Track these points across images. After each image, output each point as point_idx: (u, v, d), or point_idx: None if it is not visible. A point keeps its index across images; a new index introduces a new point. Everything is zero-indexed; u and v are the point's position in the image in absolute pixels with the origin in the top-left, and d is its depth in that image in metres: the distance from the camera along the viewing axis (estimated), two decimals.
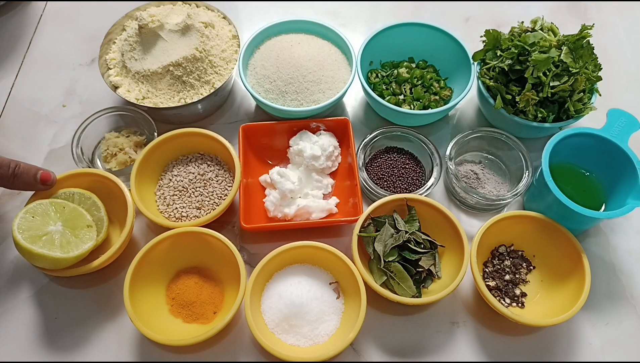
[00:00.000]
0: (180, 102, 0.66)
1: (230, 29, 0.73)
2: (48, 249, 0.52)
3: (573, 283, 0.56)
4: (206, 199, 0.62)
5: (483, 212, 0.65)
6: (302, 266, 0.58)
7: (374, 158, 0.67)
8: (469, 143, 0.67)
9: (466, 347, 0.57)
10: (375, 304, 0.58)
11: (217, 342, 0.56)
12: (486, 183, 0.65)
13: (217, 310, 0.56)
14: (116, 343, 0.56)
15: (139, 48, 0.68)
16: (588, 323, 0.58)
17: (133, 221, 0.58)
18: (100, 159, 0.67)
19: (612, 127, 0.61)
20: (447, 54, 0.72)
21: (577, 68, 0.61)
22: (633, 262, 0.62)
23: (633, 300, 0.60)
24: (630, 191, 0.57)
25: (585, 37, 0.61)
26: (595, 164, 0.63)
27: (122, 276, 0.56)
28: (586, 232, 0.64)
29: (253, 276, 0.55)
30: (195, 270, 0.59)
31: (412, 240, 0.57)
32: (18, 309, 0.58)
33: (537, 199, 0.62)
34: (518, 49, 0.63)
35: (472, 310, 0.59)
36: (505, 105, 0.64)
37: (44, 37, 0.81)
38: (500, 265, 0.60)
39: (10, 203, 0.65)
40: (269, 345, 0.52)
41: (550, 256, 0.59)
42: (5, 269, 0.60)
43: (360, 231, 0.58)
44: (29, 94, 0.74)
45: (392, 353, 0.56)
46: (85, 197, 0.59)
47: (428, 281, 0.58)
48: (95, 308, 0.58)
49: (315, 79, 0.68)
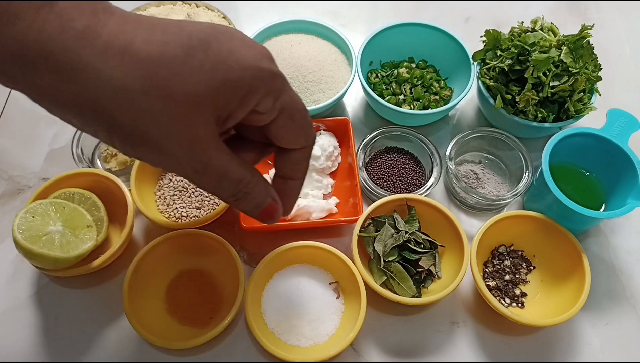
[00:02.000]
0: None
1: None
2: (48, 249, 0.52)
3: (573, 283, 0.56)
4: (206, 199, 0.62)
5: (483, 212, 0.65)
6: (302, 266, 0.58)
7: (374, 158, 0.67)
8: (469, 143, 0.67)
9: (466, 347, 0.57)
10: (375, 304, 0.58)
11: (217, 343, 0.56)
12: (486, 183, 0.65)
13: (213, 316, 0.56)
14: (116, 343, 0.56)
15: None
16: (588, 323, 0.58)
17: (133, 221, 0.58)
18: (100, 159, 0.67)
19: (612, 127, 0.61)
20: (447, 54, 0.72)
21: (577, 68, 0.61)
22: (633, 262, 0.62)
23: (633, 300, 0.60)
24: (630, 191, 0.57)
25: (585, 37, 0.61)
26: (595, 164, 0.63)
27: (122, 276, 0.56)
28: (586, 232, 0.64)
29: (253, 276, 0.55)
30: (196, 272, 0.59)
31: (412, 240, 0.57)
32: (18, 309, 0.58)
33: (537, 199, 0.62)
34: (518, 49, 0.63)
35: (472, 310, 0.59)
36: (505, 105, 0.64)
37: None
38: (500, 265, 0.60)
39: (10, 203, 0.65)
40: (269, 345, 0.52)
41: (551, 256, 0.59)
42: (5, 269, 0.60)
43: (360, 231, 0.58)
44: None
45: (392, 353, 0.56)
46: (85, 197, 0.59)
47: (428, 281, 0.58)
48: (95, 308, 0.58)
49: (315, 79, 0.68)
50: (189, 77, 0.29)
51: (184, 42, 0.29)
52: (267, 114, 0.34)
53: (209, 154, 0.32)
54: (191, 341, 0.52)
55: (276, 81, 0.33)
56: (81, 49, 0.27)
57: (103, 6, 0.29)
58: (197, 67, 0.29)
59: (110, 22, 0.28)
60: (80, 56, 0.27)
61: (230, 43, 0.31)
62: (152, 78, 0.28)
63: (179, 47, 0.29)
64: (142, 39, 0.28)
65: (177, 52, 0.29)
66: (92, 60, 0.27)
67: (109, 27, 0.28)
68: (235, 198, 0.36)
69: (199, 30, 0.30)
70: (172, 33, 0.29)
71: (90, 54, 0.27)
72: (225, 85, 0.30)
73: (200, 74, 0.29)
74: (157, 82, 0.28)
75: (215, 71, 0.30)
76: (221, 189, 0.35)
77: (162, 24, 0.30)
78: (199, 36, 0.30)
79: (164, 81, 0.29)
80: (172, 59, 0.29)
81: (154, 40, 0.29)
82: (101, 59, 0.27)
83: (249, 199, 0.37)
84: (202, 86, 0.30)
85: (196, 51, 0.29)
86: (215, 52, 0.30)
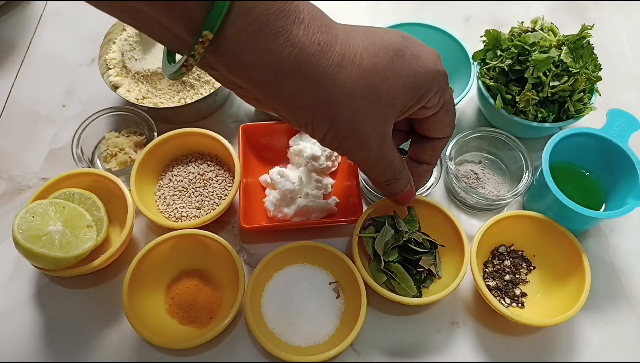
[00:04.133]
0: (180, 102, 0.66)
1: None
2: (48, 249, 0.52)
3: (573, 283, 0.56)
4: (206, 199, 0.62)
5: (483, 212, 0.65)
6: (302, 266, 0.58)
7: None
8: (469, 143, 0.67)
9: (466, 347, 0.57)
10: (375, 304, 0.58)
11: (217, 343, 0.56)
12: (486, 183, 0.65)
13: (213, 316, 0.56)
14: (116, 343, 0.56)
15: (139, 48, 0.68)
16: (588, 323, 0.58)
17: (133, 221, 0.58)
18: (100, 159, 0.67)
19: (612, 127, 0.61)
20: (447, 54, 0.72)
21: (577, 68, 0.61)
22: (633, 262, 0.62)
23: (633, 300, 0.60)
24: (630, 191, 0.57)
25: (585, 37, 0.61)
26: (595, 164, 0.63)
27: (122, 276, 0.56)
28: (586, 232, 0.64)
29: (253, 276, 0.55)
30: (197, 272, 0.59)
31: (412, 240, 0.57)
32: (18, 309, 0.58)
33: (537, 199, 0.62)
34: (518, 49, 0.63)
35: (472, 310, 0.59)
36: (505, 105, 0.64)
37: (44, 37, 0.81)
38: (501, 265, 0.60)
39: (10, 203, 0.65)
40: (269, 345, 0.52)
41: (551, 256, 0.59)
42: (5, 269, 0.60)
43: (360, 232, 0.58)
44: (29, 94, 0.74)
45: (392, 353, 0.56)
46: (85, 197, 0.59)
47: (428, 281, 0.58)
48: (95, 308, 0.58)
49: None
50: (393, 82, 0.36)
51: (388, 53, 0.36)
52: (432, 108, 0.40)
53: (388, 146, 0.39)
54: (191, 341, 0.52)
55: (445, 80, 0.40)
56: (324, 61, 0.33)
57: (329, 20, 0.35)
58: (397, 74, 0.36)
59: (340, 36, 0.34)
60: (324, 67, 0.33)
61: (415, 49, 0.37)
62: (369, 85, 0.35)
63: (385, 58, 0.36)
64: (362, 51, 0.35)
65: (385, 62, 0.35)
66: (331, 71, 0.33)
67: (339, 40, 0.34)
68: (388, 183, 0.44)
69: (394, 40, 0.37)
70: (378, 45, 0.36)
71: (329, 66, 0.33)
72: (414, 85, 0.37)
73: (399, 79, 0.36)
74: (372, 88, 0.35)
75: (409, 76, 0.36)
76: (383, 176, 0.43)
77: (369, 35, 0.36)
78: (394, 46, 0.36)
79: (376, 88, 0.35)
80: (383, 70, 0.35)
81: (369, 52, 0.35)
82: (337, 70, 0.33)
83: (397, 185, 0.45)
84: (400, 88, 0.36)
85: (395, 60, 0.36)
86: (408, 59, 0.37)
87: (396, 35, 0.37)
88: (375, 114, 0.36)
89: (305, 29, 0.32)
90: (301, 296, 0.56)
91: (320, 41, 0.33)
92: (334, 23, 0.36)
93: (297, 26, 0.32)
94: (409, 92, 0.37)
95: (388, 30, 0.38)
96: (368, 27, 0.38)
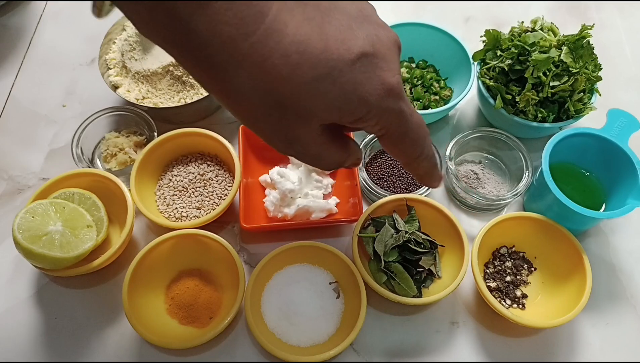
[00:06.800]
0: (180, 102, 0.66)
1: None
2: (48, 249, 0.52)
3: (574, 284, 0.56)
4: (206, 199, 0.62)
5: (483, 212, 0.65)
6: (302, 266, 0.58)
7: (374, 158, 0.67)
8: (469, 143, 0.67)
9: (466, 347, 0.57)
10: (375, 304, 0.58)
11: (217, 343, 0.56)
12: (486, 183, 0.65)
13: (213, 316, 0.56)
14: (116, 343, 0.56)
15: (139, 48, 0.68)
16: (588, 323, 0.58)
17: (133, 221, 0.58)
18: (100, 159, 0.67)
19: (612, 127, 0.61)
20: (447, 54, 0.72)
21: (577, 68, 0.61)
22: (633, 262, 0.62)
23: (633, 300, 0.60)
24: (630, 191, 0.57)
25: (585, 37, 0.61)
26: (595, 164, 0.63)
27: (122, 276, 0.56)
28: (586, 232, 0.64)
29: (253, 276, 0.55)
30: (197, 272, 0.58)
31: (412, 240, 0.57)
32: (18, 309, 0.58)
33: (537, 199, 0.62)
34: (518, 49, 0.63)
35: (472, 311, 0.59)
36: (505, 105, 0.64)
37: (44, 37, 0.81)
38: (502, 266, 0.60)
39: (10, 203, 0.65)
40: (269, 345, 0.52)
41: (552, 257, 0.59)
42: (5, 269, 0.60)
43: (360, 232, 0.58)
44: (29, 94, 0.74)
45: (392, 353, 0.56)
46: (85, 197, 0.59)
47: (428, 281, 0.58)
48: (95, 308, 0.58)
49: None
50: (306, 100, 0.32)
51: (316, 70, 0.31)
52: (374, 133, 0.37)
53: (305, 144, 0.36)
54: (191, 341, 0.52)
55: (390, 116, 0.35)
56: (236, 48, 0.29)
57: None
58: (321, 94, 0.32)
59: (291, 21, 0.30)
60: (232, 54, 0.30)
61: (362, 75, 0.33)
62: (271, 92, 0.31)
63: (309, 74, 0.31)
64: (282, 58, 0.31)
65: (307, 78, 0.31)
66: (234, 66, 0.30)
67: (290, 27, 0.30)
68: (334, 169, 0.44)
69: (343, 56, 0.32)
70: (314, 57, 0.31)
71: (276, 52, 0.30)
72: (339, 110, 0.33)
73: (316, 98, 0.32)
74: (275, 96, 0.32)
75: (335, 99, 0.32)
76: (320, 167, 0.39)
77: (322, 38, 0.31)
78: (334, 64, 0.31)
79: (282, 98, 0.32)
80: (310, 81, 0.31)
81: (291, 61, 0.31)
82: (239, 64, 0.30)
83: (346, 166, 0.41)
84: (316, 108, 0.33)
85: (324, 79, 0.32)
86: (341, 83, 0.32)
87: (356, 48, 0.32)
88: (278, 122, 0.33)
89: (214, 16, 0.29)
90: (301, 296, 0.56)
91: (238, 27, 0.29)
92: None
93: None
94: (331, 113, 0.33)
95: (358, 37, 0.33)
96: (338, 22, 0.33)
